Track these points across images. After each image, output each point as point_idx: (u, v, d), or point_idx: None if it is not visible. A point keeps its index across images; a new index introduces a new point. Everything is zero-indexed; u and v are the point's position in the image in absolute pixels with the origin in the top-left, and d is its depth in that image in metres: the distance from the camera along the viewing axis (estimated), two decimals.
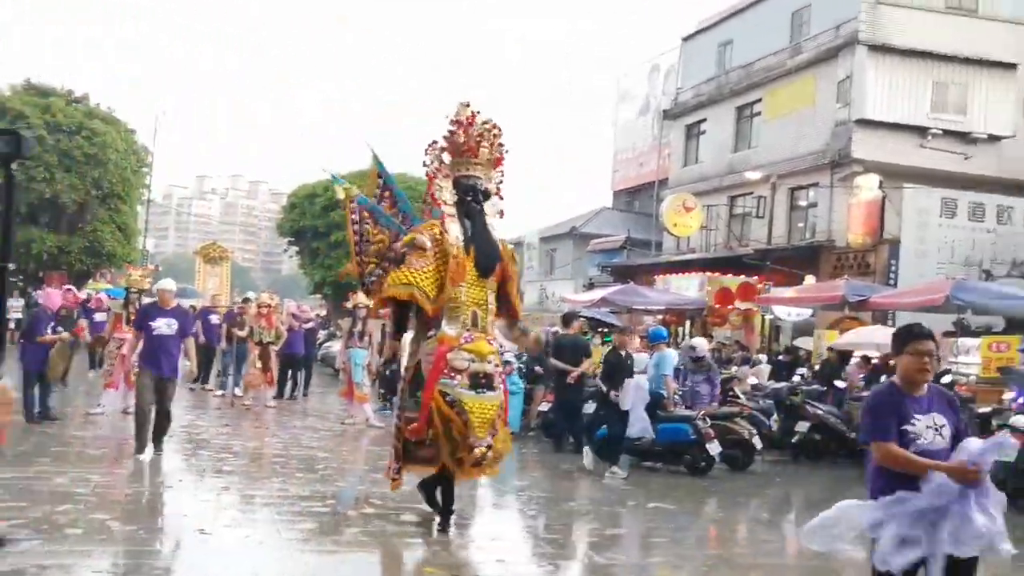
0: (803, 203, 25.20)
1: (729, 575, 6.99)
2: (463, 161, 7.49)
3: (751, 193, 26.57)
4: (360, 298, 14.80)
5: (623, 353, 11.20)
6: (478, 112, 7.50)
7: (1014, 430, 10.36)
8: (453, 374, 7.02)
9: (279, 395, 16.46)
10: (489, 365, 7.19)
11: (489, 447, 7.05)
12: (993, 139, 22.86)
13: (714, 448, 11.13)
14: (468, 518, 8.71)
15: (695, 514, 9.38)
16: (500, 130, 7.57)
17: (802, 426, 12.97)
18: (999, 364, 14.78)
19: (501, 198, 7.69)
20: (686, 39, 32.46)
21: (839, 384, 14.50)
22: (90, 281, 30.57)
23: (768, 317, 22.66)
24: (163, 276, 13.59)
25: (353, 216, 7.93)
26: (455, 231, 7.26)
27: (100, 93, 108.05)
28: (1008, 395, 13.07)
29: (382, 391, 16.02)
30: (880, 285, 19.91)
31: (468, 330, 7.17)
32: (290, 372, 17.20)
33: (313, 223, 38.13)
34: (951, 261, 20.47)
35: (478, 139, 7.45)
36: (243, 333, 15.94)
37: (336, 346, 19.40)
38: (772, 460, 12.80)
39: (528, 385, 14.11)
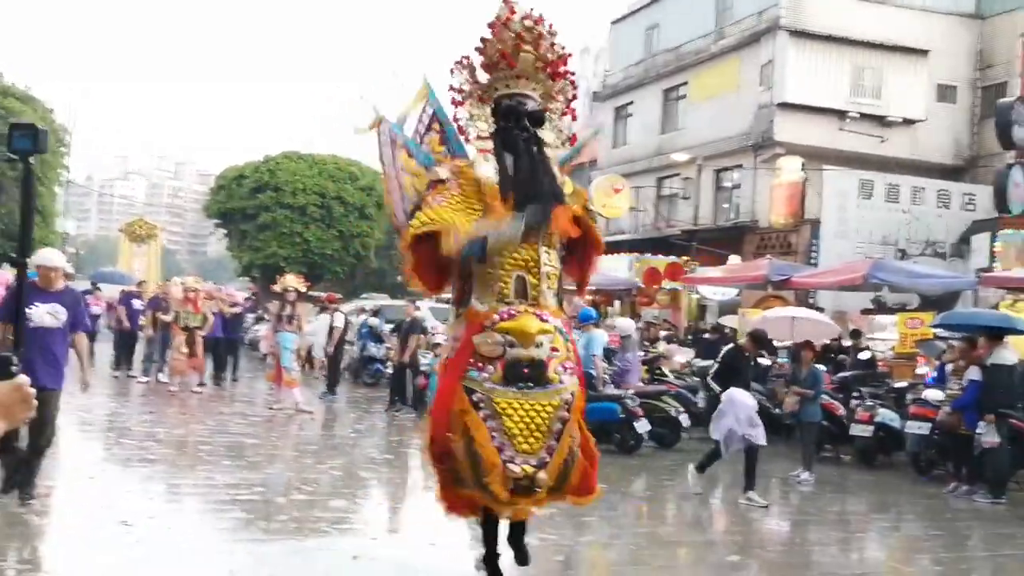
0: (728, 184, 25.68)
1: (658, 552, 7.15)
2: (500, 76, 5.39)
3: (678, 175, 26.97)
4: (289, 280, 14.68)
5: None
6: (515, 4, 5.35)
7: (926, 404, 10.79)
8: (482, 364, 4.97)
9: (215, 379, 16.28)
10: (539, 350, 4.97)
11: (539, 467, 4.85)
12: (907, 123, 23.55)
13: (642, 426, 11.35)
14: (400, 502, 8.75)
15: (624, 492, 9.55)
16: (551, 27, 5.44)
17: None
18: (914, 339, 15.35)
19: (574, 118, 5.66)
20: (615, 22, 32.67)
21: (763, 361, 14.84)
22: (6, 264, 29.58)
23: (695, 296, 23.09)
24: (86, 260, 13.22)
25: (383, 139, 5.83)
26: (486, 170, 5.20)
27: (15, 72, 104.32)
28: (921, 369, 13.59)
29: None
30: (802, 265, 20.45)
31: (507, 303, 5.04)
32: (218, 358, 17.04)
33: (241, 205, 37.44)
34: (869, 241, 21.08)
35: (516, 42, 5.31)
36: (168, 318, 15.66)
37: (264, 330, 19.21)
38: (699, 437, 13.05)
39: None
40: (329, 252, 37.14)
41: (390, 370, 15.68)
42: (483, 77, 5.43)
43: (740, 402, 9.01)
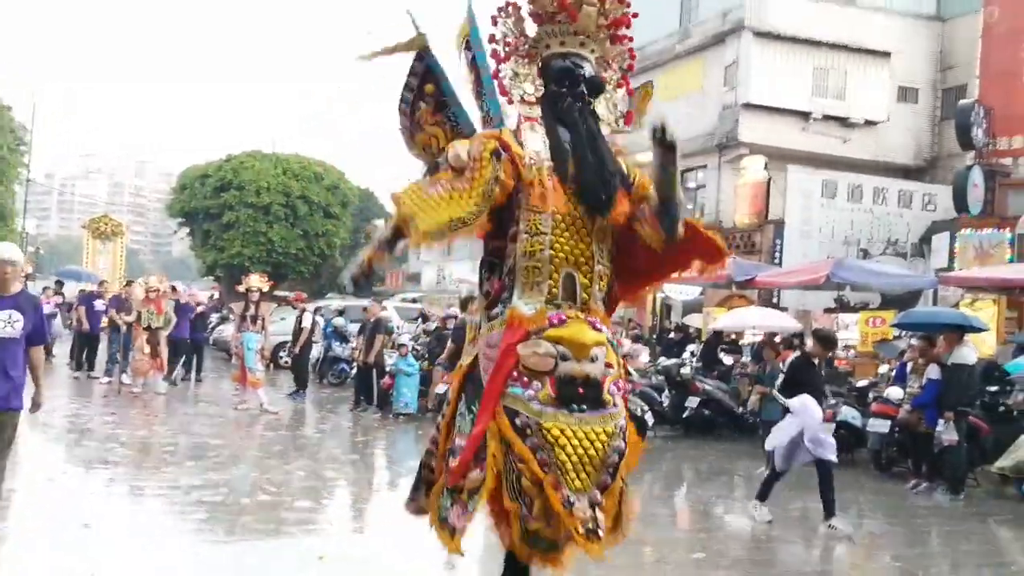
0: (692, 184, 25.84)
1: (620, 551, 7.15)
2: (554, 30, 4.37)
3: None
4: (253, 280, 14.56)
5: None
6: None
7: (887, 402, 10.94)
8: (528, 379, 4.01)
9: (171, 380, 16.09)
10: (594, 365, 4.07)
11: (596, 506, 4.01)
12: (869, 124, 23.84)
13: None
14: (365, 502, 8.73)
15: None
16: None
17: (692, 401, 13.37)
18: (875, 338, 15.58)
19: (630, 92, 4.67)
20: None
21: (726, 360, 15.00)
22: None
23: (659, 296, 23.23)
24: (47, 260, 13.01)
25: (415, 70, 4.74)
26: (534, 143, 4.23)
27: None
28: (883, 368, 13.78)
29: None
30: (766, 264, 20.64)
31: (557, 305, 4.12)
32: (183, 358, 16.88)
33: (204, 204, 37.11)
34: (831, 241, 21.36)
35: None
36: (130, 318, 15.48)
37: (228, 330, 19.05)
38: (664, 435, 13.16)
39: (427, 366, 14.13)
40: (294, 251, 36.92)
41: (355, 370, 15.61)
42: (531, 30, 4.42)
43: (813, 411, 8.03)
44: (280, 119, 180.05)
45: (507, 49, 4.38)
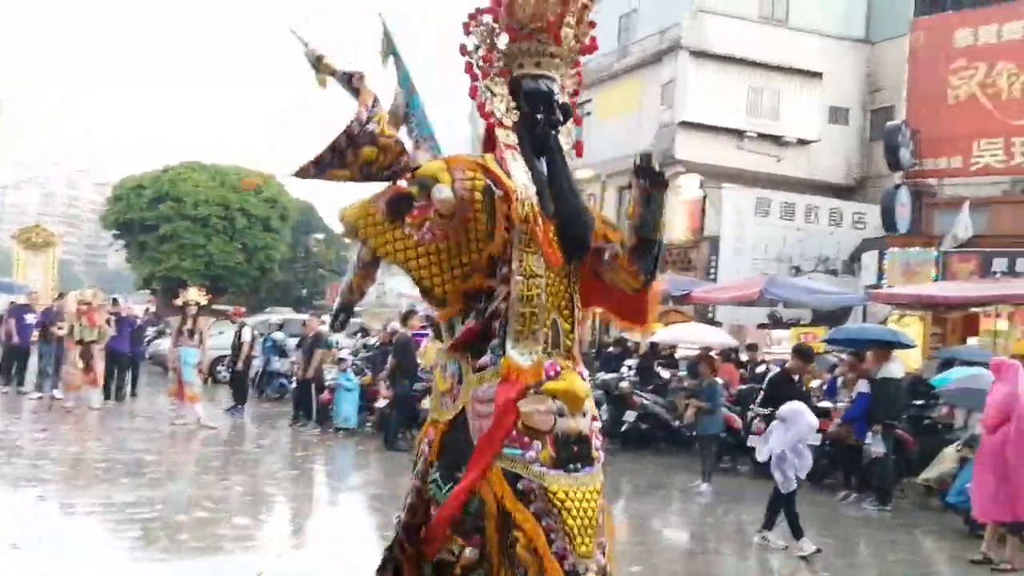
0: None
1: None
2: (533, 49, 3.86)
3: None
4: (190, 294, 14.38)
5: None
6: None
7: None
8: (528, 439, 3.62)
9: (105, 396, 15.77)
10: (585, 420, 3.75)
11: (603, 573, 3.69)
12: (802, 143, 24.47)
13: None
14: (304, 518, 8.69)
15: None
16: None
17: (629, 415, 13.54)
18: None
19: (577, 121, 4.18)
20: None
21: (663, 374, 15.22)
22: None
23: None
24: None
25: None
26: (519, 174, 3.71)
27: None
28: (815, 383, 14.12)
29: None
30: (702, 280, 21.03)
31: (550, 355, 3.74)
32: (115, 372, 16.55)
33: (141, 216, 36.49)
34: (765, 257, 21.85)
35: (559, 7, 3.81)
36: (62, 332, 15.15)
37: (165, 344, 18.75)
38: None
39: (367, 381, 14.09)
40: (232, 265, 36.49)
41: (294, 385, 15.50)
42: (503, 42, 3.89)
43: (807, 417, 7.73)
44: (223, 124, 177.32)
45: (483, 65, 3.87)
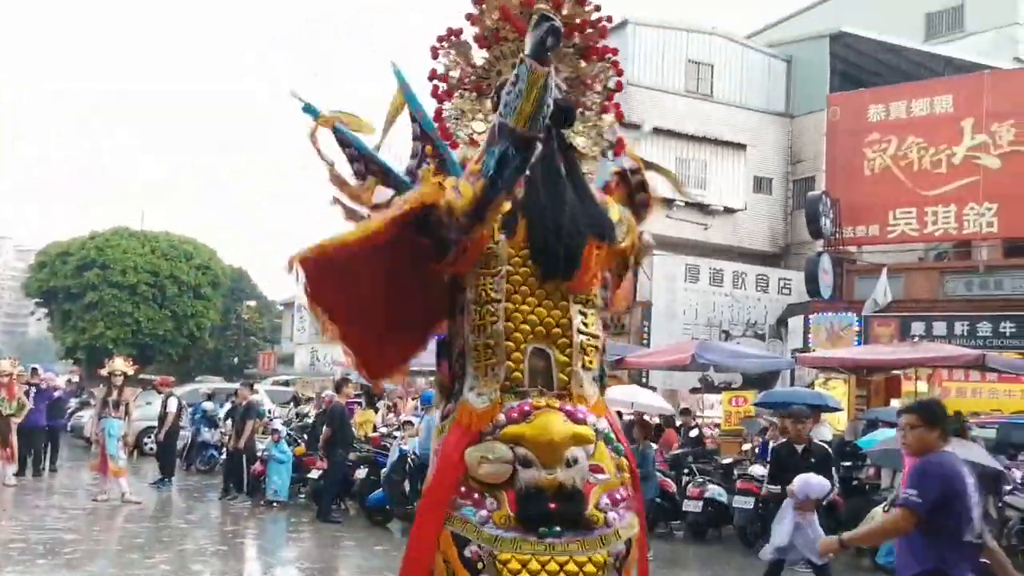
0: None
1: None
2: (505, 51, 3.64)
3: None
4: (116, 364, 14.05)
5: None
6: None
7: (751, 479, 11.37)
8: (480, 496, 3.14)
9: (20, 471, 15.20)
10: (572, 471, 3.13)
11: None
12: (728, 211, 25.17)
13: None
14: None
15: None
16: None
17: None
18: (739, 417, 16.23)
19: (619, 117, 3.95)
20: None
21: None
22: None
23: None
24: None
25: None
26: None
27: None
28: (747, 446, 14.35)
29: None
30: (635, 345, 21.28)
31: (518, 392, 3.23)
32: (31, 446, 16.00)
33: (65, 283, 35.67)
34: (695, 322, 22.27)
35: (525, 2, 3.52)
36: None
37: (88, 415, 18.23)
38: None
39: (300, 451, 13.87)
40: (161, 333, 35.80)
41: (224, 456, 15.16)
42: (480, 58, 3.68)
43: (816, 485, 7.23)
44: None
45: (447, 85, 3.68)
